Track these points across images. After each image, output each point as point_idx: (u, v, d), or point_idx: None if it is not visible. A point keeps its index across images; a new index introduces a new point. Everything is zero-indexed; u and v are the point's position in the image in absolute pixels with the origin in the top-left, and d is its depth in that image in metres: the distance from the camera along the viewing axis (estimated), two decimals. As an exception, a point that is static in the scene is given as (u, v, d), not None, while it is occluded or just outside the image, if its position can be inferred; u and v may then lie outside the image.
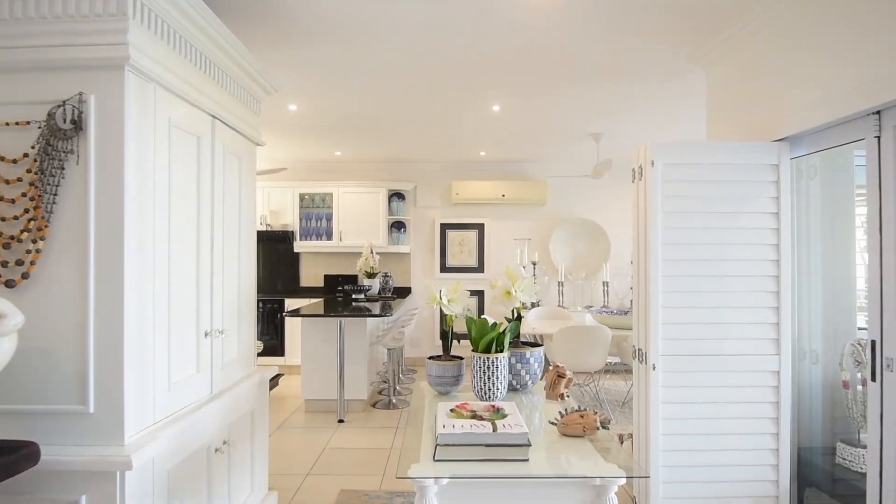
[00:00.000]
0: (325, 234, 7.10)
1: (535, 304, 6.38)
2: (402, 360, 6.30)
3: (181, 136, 2.10)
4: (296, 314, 4.97)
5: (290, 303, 6.75)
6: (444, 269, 7.32)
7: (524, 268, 6.87)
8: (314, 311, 5.08)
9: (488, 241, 7.32)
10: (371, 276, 6.18)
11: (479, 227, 7.34)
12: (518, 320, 2.25)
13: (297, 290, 7.34)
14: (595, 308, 6.43)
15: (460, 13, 2.82)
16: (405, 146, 6.30)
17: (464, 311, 2.27)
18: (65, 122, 1.73)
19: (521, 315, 2.29)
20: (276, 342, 6.79)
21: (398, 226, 7.28)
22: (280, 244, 7.24)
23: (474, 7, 2.75)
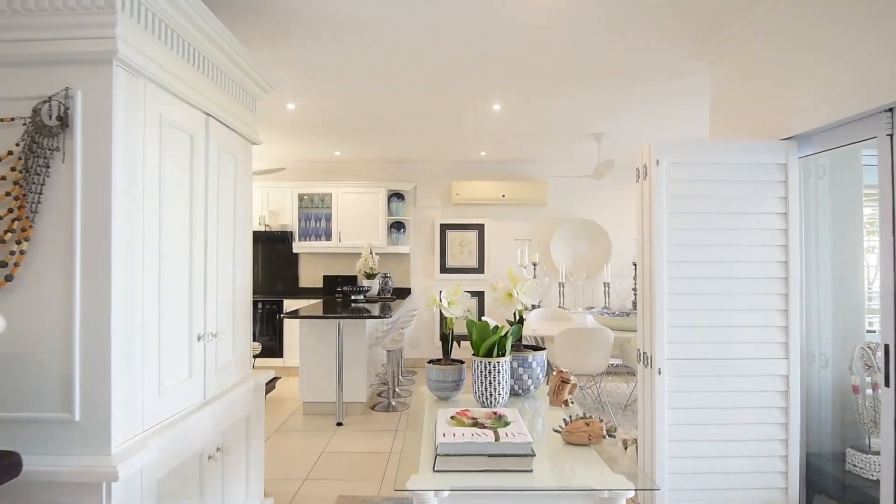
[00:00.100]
0: (325, 234, 7.03)
1: (535, 305, 6.31)
2: (402, 361, 6.24)
3: (173, 134, 2.04)
4: (294, 315, 4.91)
5: (289, 304, 6.69)
6: (444, 269, 7.26)
7: (524, 268, 6.81)
8: (313, 313, 5.02)
9: (488, 241, 7.25)
10: (370, 276, 6.12)
11: (480, 228, 7.28)
12: (520, 323, 2.19)
13: (295, 290, 7.28)
14: (596, 309, 6.37)
15: (460, 13, 2.77)
16: (405, 146, 6.24)
17: (464, 313, 2.21)
18: (50, 118, 1.67)
19: (524, 318, 2.23)
20: (275, 343, 6.73)
21: (398, 226, 7.22)
22: (279, 245, 7.18)
23: (474, 7, 2.71)
